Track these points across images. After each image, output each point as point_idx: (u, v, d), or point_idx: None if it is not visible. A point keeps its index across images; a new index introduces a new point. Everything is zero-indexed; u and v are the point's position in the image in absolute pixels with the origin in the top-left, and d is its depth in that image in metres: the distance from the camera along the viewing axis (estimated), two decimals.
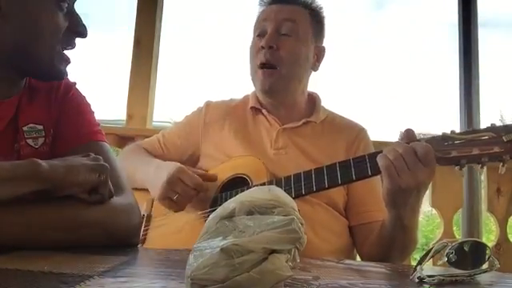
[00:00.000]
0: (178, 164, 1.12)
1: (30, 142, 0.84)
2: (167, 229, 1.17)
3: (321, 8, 1.27)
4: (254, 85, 1.24)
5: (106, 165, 0.71)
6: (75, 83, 0.94)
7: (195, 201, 1.13)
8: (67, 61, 0.83)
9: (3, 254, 0.57)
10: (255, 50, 1.20)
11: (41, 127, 0.86)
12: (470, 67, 1.88)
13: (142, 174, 1.16)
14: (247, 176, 1.12)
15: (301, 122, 1.22)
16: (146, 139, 1.40)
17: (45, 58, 0.79)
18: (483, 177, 1.85)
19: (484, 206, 1.84)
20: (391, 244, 1.01)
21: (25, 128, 0.83)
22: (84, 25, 0.83)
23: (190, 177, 1.09)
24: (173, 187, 1.08)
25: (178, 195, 1.08)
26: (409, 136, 0.92)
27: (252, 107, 1.27)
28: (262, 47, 1.17)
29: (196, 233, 0.46)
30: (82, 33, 0.83)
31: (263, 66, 1.17)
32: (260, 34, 1.20)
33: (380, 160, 0.89)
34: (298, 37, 1.20)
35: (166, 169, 1.10)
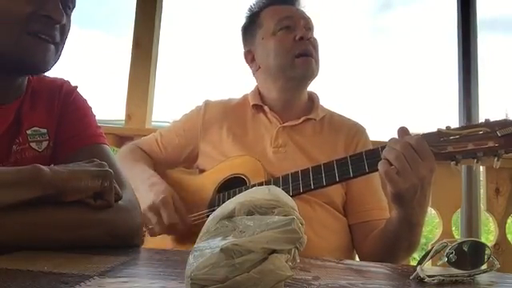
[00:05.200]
0: (167, 193, 1.10)
1: (33, 145, 0.83)
2: None
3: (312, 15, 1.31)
4: (285, 74, 1.22)
5: (111, 171, 0.71)
6: (77, 87, 0.94)
7: (193, 202, 1.13)
8: (47, 48, 0.77)
9: (3, 254, 0.57)
10: (287, 42, 1.21)
11: (44, 131, 0.86)
12: (469, 68, 1.88)
13: (134, 185, 1.15)
14: (245, 176, 1.13)
15: (301, 120, 1.23)
16: (144, 138, 1.39)
17: (10, 48, 0.74)
18: (482, 177, 1.85)
19: (483, 206, 1.84)
20: (396, 242, 1.00)
21: (28, 131, 0.83)
22: (56, 8, 0.76)
23: (168, 214, 1.06)
24: (151, 216, 1.07)
25: (150, 226, 1.08)
26: (403, 134, 0.92)
27: (253, 105, 1.27)
28: (301, 38, 1.19)
29: (194, 234, 0.46)
30: (52, 17, 0.75)
31: (301, 55, 1.20)
32: (287, 27, 1.22)
33: (380, 168, 0.90)
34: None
35: (154, 194, 1.09)
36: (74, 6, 0.83)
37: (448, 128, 0.90)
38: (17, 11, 0.73)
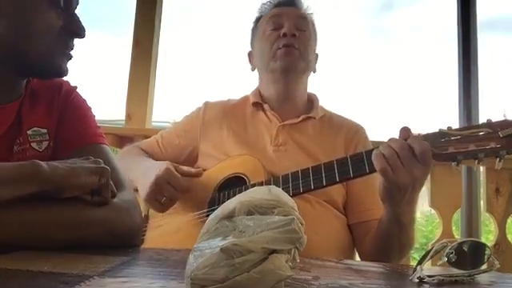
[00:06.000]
0: (167, 165, 1.10)
1: (34, 145, 0.84)
2: (165, 229, 1.17)
3: (312, 15, 1.33)
4: (269, 69, 1.25)
5: (107, 168, 0.71)
6: (76, 87, 0.95)
7: (193, 201, 1.13)
8: (68, 57, 0.82)
9: (3, 254, 0.57)
10: (273, 39, 1.24)
11: (45, 131, 0.86)
12: (469, 68, 1.88)
13: (134, 174, 1.16)
14: (244, 175, 1.13)
15: (300, 118, 1.24)
16: (145, 140, 1.41)
17: (41, 56, 0.78)
18: (482, 177, 1.85)
19: (483, 206, 1.84)
20: (389, 241, 1.01)
21: (29, 132, 0.84)
22: (81, 25, 0.82)
23: (177, 180, 1.08)
24: (160, 189, 1.07)
25: (164, 198, 1.08)
26: (405, 134, 0.92)
27: (254, 103, 1.28)
28: (284, 34, 1.21)
29: (194, 233, 0.46)
30: (78, 33, 0.81)
31: (283, 47, 1.21)
32: (276, 27, 1.25)
33: (375, 159, 0.89)
34: (309, 33, 1.28)
35: (155, 170, 1.09)
36: (77, 4, 0.85)
37: (449, 128, 0.90)
38: (54, 25, 0.79)
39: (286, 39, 1.21)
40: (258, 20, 1.34)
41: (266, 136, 1.22)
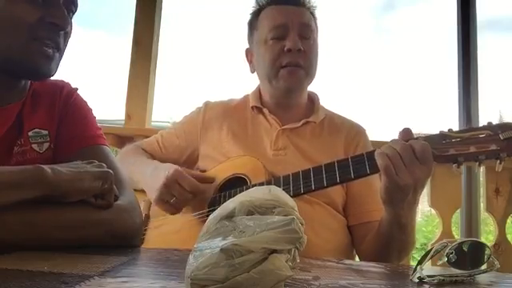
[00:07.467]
0: (175, 166, 1.10)
1: (34, 146, 0.84)
2: (166, 229, 1.17)
3: (315, 9, 1.27)
4: (271, 84, 1.22)
5: (111, 172, 0.71)
6: (77, 89, 0.94)
7: (194, 201, 1.13)
8: (48, 56, 0.78)
9: (3, 253, 0.57)
10: (275, 53, 1.18)
11: (46, 132, 0.86)
12: (468, 68, 1.88)
13: (139, 176, 1.16)
14: (246, 176, 1.12)
15: (300, 123, 1.22)
16: (145, 139, 1.40)
17: (18, 52, 0.76)
18: (482, 177, 1.85)
19: (483, 206, 1.84)
20: (389, 242, 1.01)
21: (30, 133, 0.84)
22: (62, 16, 0.78)
23: (187, 180, 1.07)
24: (170, 190, 1.07)
25: (175, 198, 1.08)
26: (406, 135, 0.92)
27: (253, 106, 1.27)
28: (289, 50, 1.16)
29: (195, 233, 0.46)
30: (57, 24, 0.77)
31: (287, 66, 1.17)
32: (279, 37, 1.19)
33: (378, 158, 0.90)
34: (314, 40, 1.23)
35: (164, 171, 1.09)
36: (76, 10, 0.84)
37: (450, 130, 0.91)
38: (25, 18, 0.75)
39: (290, 56, 1.16)
40: (257, 14, 1.27)
41: (265, 140, 1.21)
